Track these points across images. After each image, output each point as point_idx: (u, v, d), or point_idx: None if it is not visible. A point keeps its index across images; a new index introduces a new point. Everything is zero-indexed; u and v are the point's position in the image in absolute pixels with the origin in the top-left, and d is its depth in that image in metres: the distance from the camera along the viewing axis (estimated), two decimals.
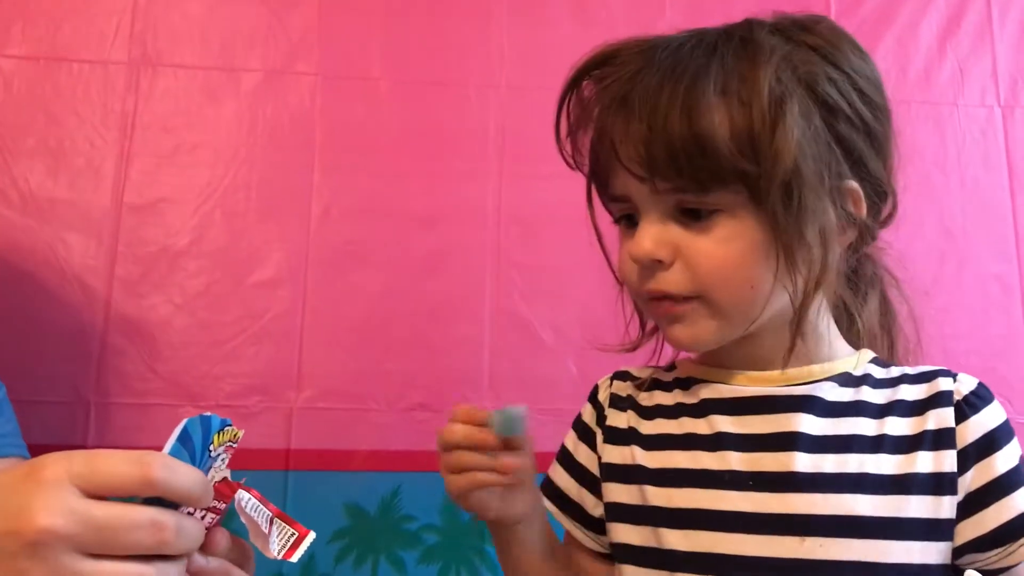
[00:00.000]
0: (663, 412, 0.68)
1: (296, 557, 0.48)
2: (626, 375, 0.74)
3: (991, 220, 1.28)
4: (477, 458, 0.63)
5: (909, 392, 0.62)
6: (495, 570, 0.72)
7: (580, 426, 0.75)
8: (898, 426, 0.61)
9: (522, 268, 1.20)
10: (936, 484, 0.58)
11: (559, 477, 0.74)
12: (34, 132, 1.15)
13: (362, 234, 1.18)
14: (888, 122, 0.63)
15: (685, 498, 0.62)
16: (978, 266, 1.26)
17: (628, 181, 0.61)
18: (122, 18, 1.19)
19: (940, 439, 0.59)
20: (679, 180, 0.58)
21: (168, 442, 0.43)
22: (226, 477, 0.48)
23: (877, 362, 0.66)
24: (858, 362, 0.65)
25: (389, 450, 1.13)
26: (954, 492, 0.58)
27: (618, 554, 0.67)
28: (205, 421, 0.46)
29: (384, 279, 1.17)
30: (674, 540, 0.62)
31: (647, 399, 0.70)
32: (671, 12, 1.28)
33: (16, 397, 0.86)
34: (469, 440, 0.63)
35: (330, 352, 1.15)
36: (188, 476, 0.42)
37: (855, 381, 0.64)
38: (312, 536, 0.49)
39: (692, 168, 0.57)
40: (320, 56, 1.21)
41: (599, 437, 0.72)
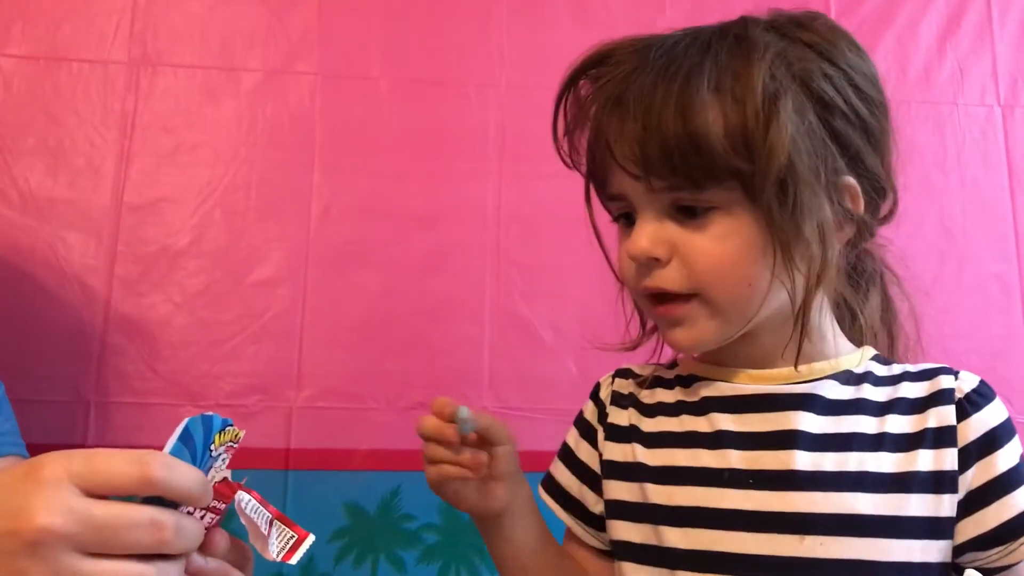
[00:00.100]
0: (664, 410, 0.68)
1: (295, 560, 0.48)
2: (628, 373, 0.74)
3: (991, 220, 1.28)
4: (443, 451, 0.64)
5: (910, 390, 0.62)
6: (495, 569, 0.72)
7: (582, 423, 0.75)
8: (899, 424, 0.60)
9: (522, 268, 1.20)
10: (937, 482, 0.58)
11: (560, 474, 0.74)
12: (34, 132, 1.15)
13: (362, 234, 1.18)
14: (886, 118, 0.63)
15: (685, 496, 0.62)
16: (978, 266, 1.26)
17: (624, 180, 0.61)
18: (122, 18, 1.19)
19: (941, 437, 0.59)
20: (674, 178, 0.58)
21: (169, 441, 0.43)
22: (226, 477, 0.47)
23: (879, 359, 0.66)
24: (860, 359, 0.65)
25: (389, 449, 1.13)
26: (955, 490, 0.58)
27: (618, 551, 0.67)
28: (207, 421, 0.45)
29: (384, 279, 1.17)
30: (674, 538, 0.62)
31: (648, 397, 0.70)
32: (671, 11, 1.28)
33: (16, 396, 0.86)
34: (436, 434, 0.64)
35: (330, 352, 1.15)
36: (188, 475, 0.42)
37: (856, 379, 0.63)
38: (311, 539, 0.49)
39: (687, 166, 0.57)
40: (320, 56, 1.21)
41: (600, 434, 0.72)
